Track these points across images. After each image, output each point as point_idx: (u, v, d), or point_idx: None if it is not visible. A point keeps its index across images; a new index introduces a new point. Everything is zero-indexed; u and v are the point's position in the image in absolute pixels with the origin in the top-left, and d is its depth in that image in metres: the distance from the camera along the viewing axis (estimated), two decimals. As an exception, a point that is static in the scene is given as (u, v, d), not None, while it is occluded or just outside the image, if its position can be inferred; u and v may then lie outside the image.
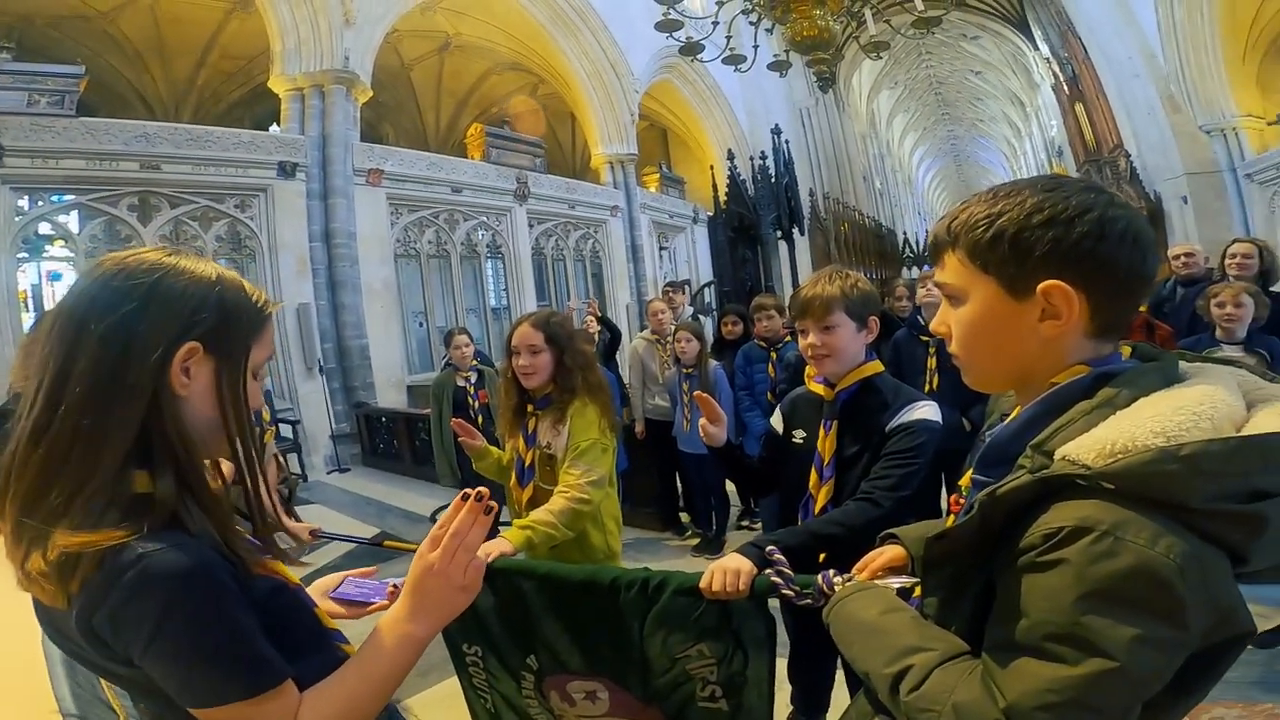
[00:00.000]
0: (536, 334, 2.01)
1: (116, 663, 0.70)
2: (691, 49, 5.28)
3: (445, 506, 3.86)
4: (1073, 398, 0.69)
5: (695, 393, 1.74)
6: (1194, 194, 12.42)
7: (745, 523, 4.54)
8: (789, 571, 1.26)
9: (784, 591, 1.24)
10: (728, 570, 1.31)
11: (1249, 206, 12.10)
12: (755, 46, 5.48)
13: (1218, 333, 2.84)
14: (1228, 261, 3.62)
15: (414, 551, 1.91)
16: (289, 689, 0.74)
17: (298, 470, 7.06)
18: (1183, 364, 0.73)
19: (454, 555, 0.80)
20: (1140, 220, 0.70)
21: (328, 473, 7.57)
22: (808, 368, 1.72)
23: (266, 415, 2.96)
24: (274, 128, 8.75)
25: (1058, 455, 0.63)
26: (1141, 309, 3.91)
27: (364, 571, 1.21)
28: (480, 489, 0.82)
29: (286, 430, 7.23)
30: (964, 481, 0.85)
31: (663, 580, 1.42)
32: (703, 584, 1.33)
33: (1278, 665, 2.36)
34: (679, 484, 4.63)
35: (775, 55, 5.97)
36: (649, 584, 1.42)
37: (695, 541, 4.36)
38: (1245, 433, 0.61)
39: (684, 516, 4.66)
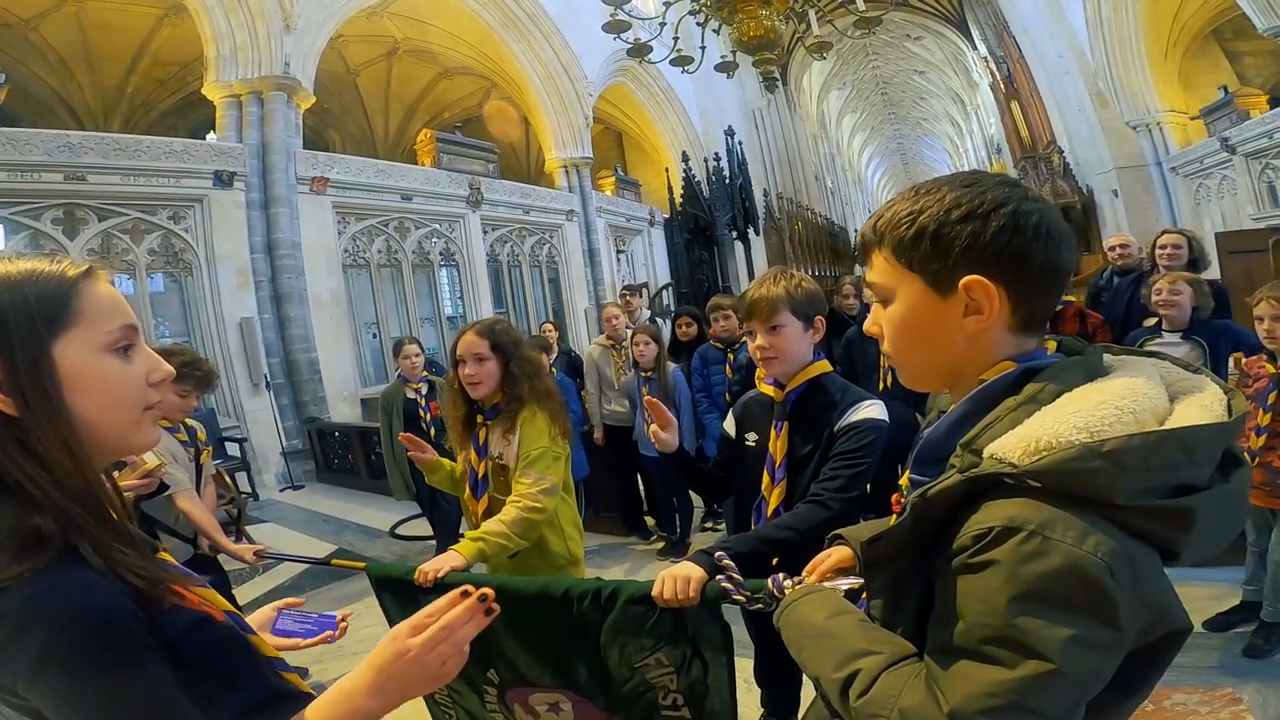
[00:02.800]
0: (481, 342, 1.97)
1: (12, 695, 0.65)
2: (640, 50, 5.28)
3: (404, 521, 3.74)
4: (1000, 394, 0.69)
5: (646, 398, 1.72)
6: (1124, 187, 13.03)
7: (709, 524, 4.55)
8: (739, 577, 1.26)
9: (735, 597, 1.24)
10: (678, 578, 1.30)
11: (1175, 198, 12.75)
12: (702, 48, 5.51)
13: (1163, 322, 2.93)
14: (1158, 252, 3.77)
15: (363, 570, 1.86)
16: None
17: (248, 489, 6.79)
18: (1107, 356, 0.74)
19: (436, 647, 0.75)
20: (1053, 214, 0.71)
21: (280, 490, 7.30)
22: (758, 369, 1.71)
23: (202, 435, 2.81)
24: (211, 136, 8.42)
25: (986, 453, 0.63)
26: (1074, 299, 4.05)
27: (293, 602, 1.15)
28: (485, 589, 0.78)
29: (234, 449, 6.97)
30: (903, 481, 0.85)
31: (615, 589, 1.40)
32: (654, 592, 1.32)
33: (1234, 649, 2.42)
34: (641, 488, 4.61)
35: (722, 56, 6.02)
36: (601, 594, 1.41)
37: (660, 545, 4.34)
38: (1167, 426, 0.61)
39: (648, 520, 4.65)
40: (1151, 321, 3.07)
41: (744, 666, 1.80)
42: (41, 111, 10.60)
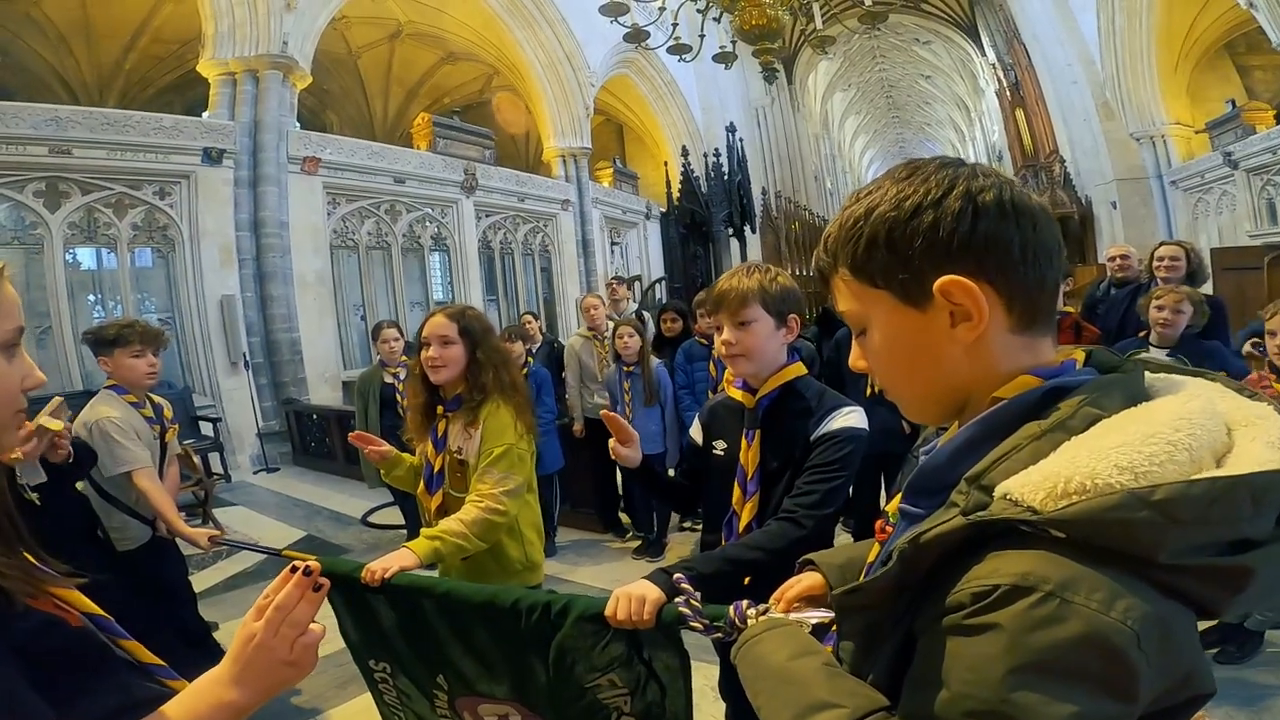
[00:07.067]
0: (450, 325, 1.88)
1: None
2: (636, 35, 5.16)
3: (377, 509, 3.66)
4: (1019, 417, 0.57)
5: (602, 411, 1.62)
6: (1122, 199, 13.00)
7: (688, 524, 4.46)
8: (697, 603, 1.16)
9: (692, 624, 1.14)
10: (633, 597, 1.20)
11: (1173, 212, 12.72)
12: (701, 36, 5.40)
13: (1152, 336, 2.85)
14: (1156, 264, 3.68)
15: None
16: None
17: (219, 471, 6.67)
18: (1147, 374, 0.62)
19: (277, 630, 0.75)
20: (1011, 188, 0.60)
21: (255, 472, 7.18)
22: (727, 371, 1.60)
23: (168, 412, 2.72)
24: (206, 114, 8.32)
25: (998, 492, 0.52)
26: (1071, 310, 3.96)
27: None
28: (310, 563, 0.77)
29: (208, 429, 6.84)
30: (891, 508, 0.74)
31: (566, 605, 1.31)
32: (607, 611, 1.23)
33: (1216, 671, 2.36)
34: (620, 484, 4.52)
35: (721, 46, 5.90)
36: (552, 609, 1.32)
37: (636, 544, 4.27)
38: (1231, 469, 0.49)
39: (625, 518, 4.56)
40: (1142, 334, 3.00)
41: (711, 674, 1.72)
42: (37, 86, 10.41)
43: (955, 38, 19.22)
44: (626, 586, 1.24)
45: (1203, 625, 1.82)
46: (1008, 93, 16.77)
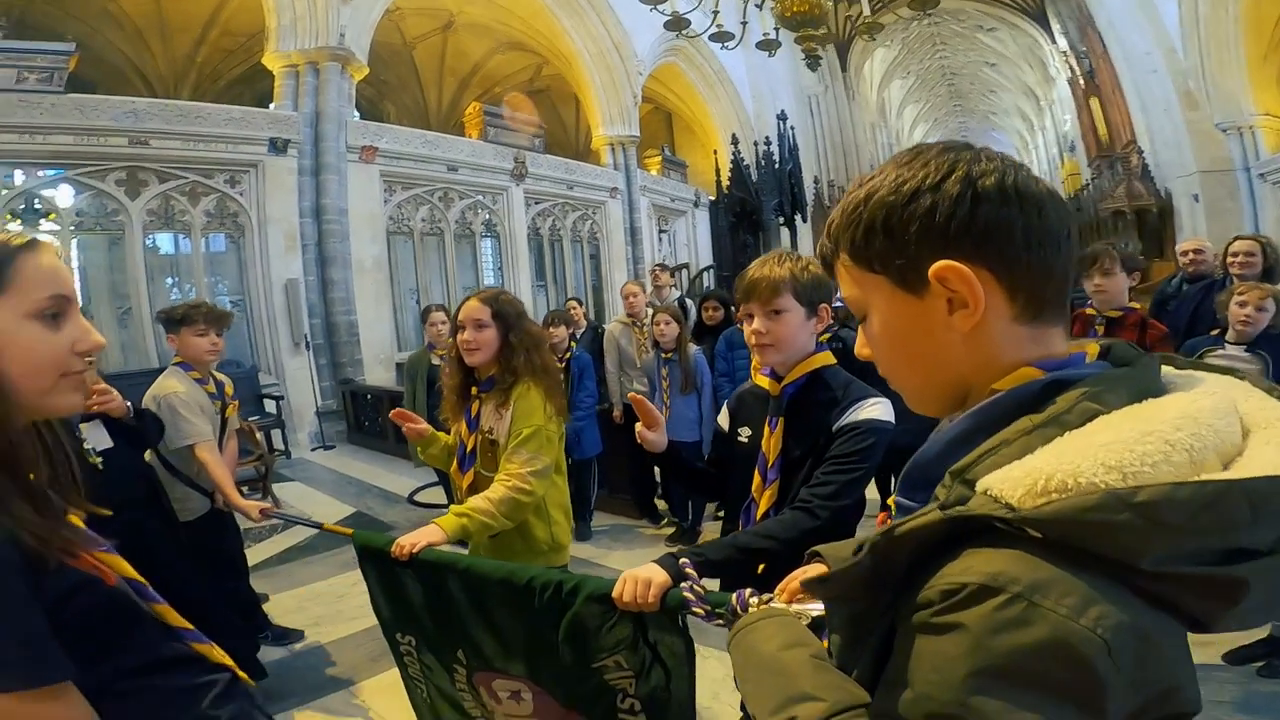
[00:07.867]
0: (484, 309, 1.94)
1: None
2: (677, 23, 5.13)
3: (423, 488, 3.84)
4: (1014, 410, 0.55)
5: (629, 394, 1.64)
6: (1205, 192, 12.21)
7: (722, 512, 4.45)
8: (700, 588, 1.17)
9: (694, 610, 1.15)
10: (639, 580, 1.23)
11: (1260, 206, 11.89)
12: (743, 23, 5.32)
13: (1229, 333, 2.71)
14: (1230, 260, 3.50)
15: (349, 537, 1.87)
16: (68, 695, 0.68)
17: (281, 447, 7.01)
18: (1169, 370, 0.59)
19: None
20: (1018, 172, 0.58)
21: (312, 449, 7.52)
22: (754, 359, 1.59)
23: (230, 389, 2.88)
24: (272, 105, 8.70)
25: (979, 487, 0.50)
26: (1138, 305, 3.76)
27: None
28: None
29: (271, 406, 7.19)
30: (892, 500, 0.73)
31: (577, 584, 1.35)
32: (614, 593, 1.26)
33: (1251, 684, 2.24)
34: (656, 470, 4.55)
35: (765, 34, 5.79)
36: (563, 587, 1.37)
37: (671, 530, 4.29)
38: (1234, 472, 0.46)
39: (660, 504, 4.59)
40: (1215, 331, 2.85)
41: (729, 663, 1.73)
42: (116, 78, 11.00)
43: (1022, 24, 18.31)
44: (634, 569, 1.26)
45: (1250, 637, 1.71)
46: (1081, 81, 15.92)
